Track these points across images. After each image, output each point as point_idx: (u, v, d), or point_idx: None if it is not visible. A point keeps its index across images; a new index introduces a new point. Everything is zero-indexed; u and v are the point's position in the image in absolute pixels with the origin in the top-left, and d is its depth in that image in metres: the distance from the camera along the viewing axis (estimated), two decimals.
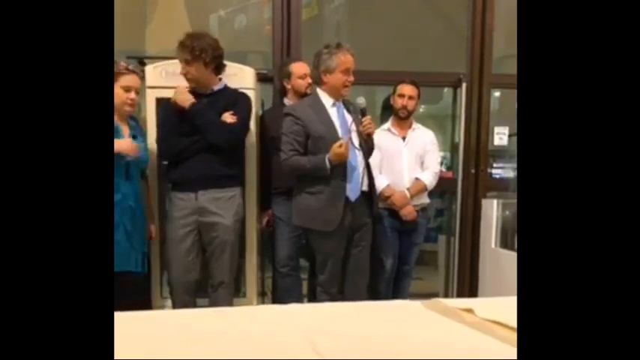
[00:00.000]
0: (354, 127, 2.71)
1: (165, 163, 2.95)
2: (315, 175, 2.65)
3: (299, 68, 3.16)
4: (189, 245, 2.79)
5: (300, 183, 2.73)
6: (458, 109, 3.99)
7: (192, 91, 2.78)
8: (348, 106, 2.77)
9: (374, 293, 3.30)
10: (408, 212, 3.20)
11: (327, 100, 2.73)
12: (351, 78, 2.70)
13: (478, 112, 3.92)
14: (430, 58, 4.07)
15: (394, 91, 3.33)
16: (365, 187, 2.74)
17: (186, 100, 2.73)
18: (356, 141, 2.71)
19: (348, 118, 2.73)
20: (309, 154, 2.66)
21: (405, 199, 3.19)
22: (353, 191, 2.69)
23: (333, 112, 2.73)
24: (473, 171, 3.94)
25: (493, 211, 3.63)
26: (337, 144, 2.55)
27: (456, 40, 4.06)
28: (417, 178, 3.25)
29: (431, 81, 4.02)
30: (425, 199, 3.35)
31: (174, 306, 2.84)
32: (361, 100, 2.73)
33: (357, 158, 2.70)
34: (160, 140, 2.83)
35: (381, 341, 0.98)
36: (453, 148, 4.14)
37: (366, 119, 2.70)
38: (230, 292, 2.86)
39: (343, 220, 2.67)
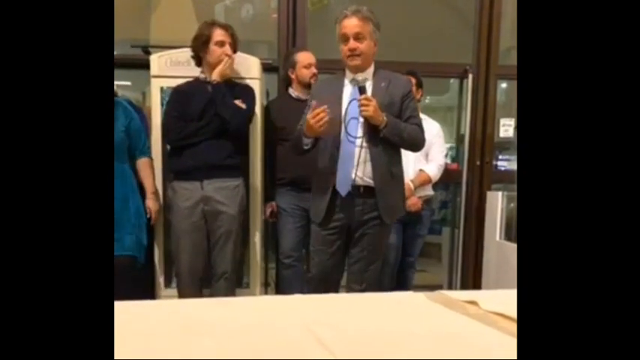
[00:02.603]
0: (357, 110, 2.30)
1: (168, 151, 2.95)
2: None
3: (304, 57, 3.14)
4: (198, 235, 2.79)
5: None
6: (464, 100, 3.97)
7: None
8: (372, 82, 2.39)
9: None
10: (412, 203, 3.19)
11: (348, 76, 2.41)
12: (352, 45, 2.32)
13: (484, 104, 3.91)
14: (437, 49, 4.04)
15: None
16: (366, 182, 2.36)
17: (221, 76, 2.75)
18: (355, 127, 2.32)
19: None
20: None
21: (408, 191, 3.18)
22: (342, 184, 2.36)
23: (347, 90, 2.39)
24: (478, 163, 3.93)
25: (498, 204, 3.62)
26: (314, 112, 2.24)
27: (462, 31, 4.03)
28: (421, 170, 3.24)
29: (437, 72, 4.00)
30: (429, 191, 3.34)
31: (182, 297, 2.83)
32: (360, 77, 2.32)
33: (351, 147, 2.33)
34: (166, 125, 2.82)
35: (383, 332, 0.98)
36: (459, 139, 4.12)
37: (362, 98, 2.27)
38: (232, 283, 2.86)
39: (331, 215, 2.41)
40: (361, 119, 2.30)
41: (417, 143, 2.47)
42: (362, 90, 2.29)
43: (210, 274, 2.86)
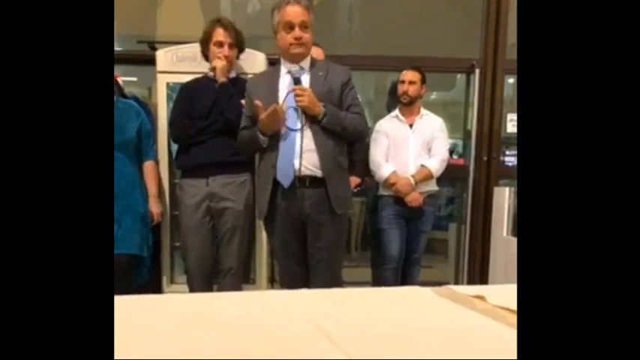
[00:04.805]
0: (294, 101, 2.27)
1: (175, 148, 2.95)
2: (255, 149, 2.41)
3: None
4: (205, 232, 2.79)
5: None
6: (471, 95, 3.95)
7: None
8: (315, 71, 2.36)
9: (380, 281, 3.30)
10: (413, 199, 3.17)
11: (285, 66, 2.37)
12: (297, 33, 2.27)
13: (491, 99, 3.88)
14: (443, 44, 4.02)
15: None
16: (313, 171, 2.29)
17: (224, 74, 2.73)
18: (294, 118, 2.28)
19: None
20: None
21: (409, 186, 3.16)
22: (284, 176, 2.29)
23: (284, 82, 2.34)
24: (485, 158, 3.91)
25: (505, 199, 3.60)
26: (267, 111, 2.21)
27: (469, 26, 4.01)
28: (422, 165, 3.21)
29: (444, 67, 3.99)
30: (433, 187, 3.31)
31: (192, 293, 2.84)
32: (294, 68, 2.33)
33: (291, 138, 2.28)
34: (172, 123, 2.82)
35: (390, 327, 0.97)
36: (466, 135, 4.10)
37: (297, 88, 2.24)
38: (238, 279, 2.86)
39: (275, 210, 2.35)
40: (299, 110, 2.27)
41: (359, 132, 2.42)
42: (297, 81, 2.28)
43: (217, 270, 2.86)
